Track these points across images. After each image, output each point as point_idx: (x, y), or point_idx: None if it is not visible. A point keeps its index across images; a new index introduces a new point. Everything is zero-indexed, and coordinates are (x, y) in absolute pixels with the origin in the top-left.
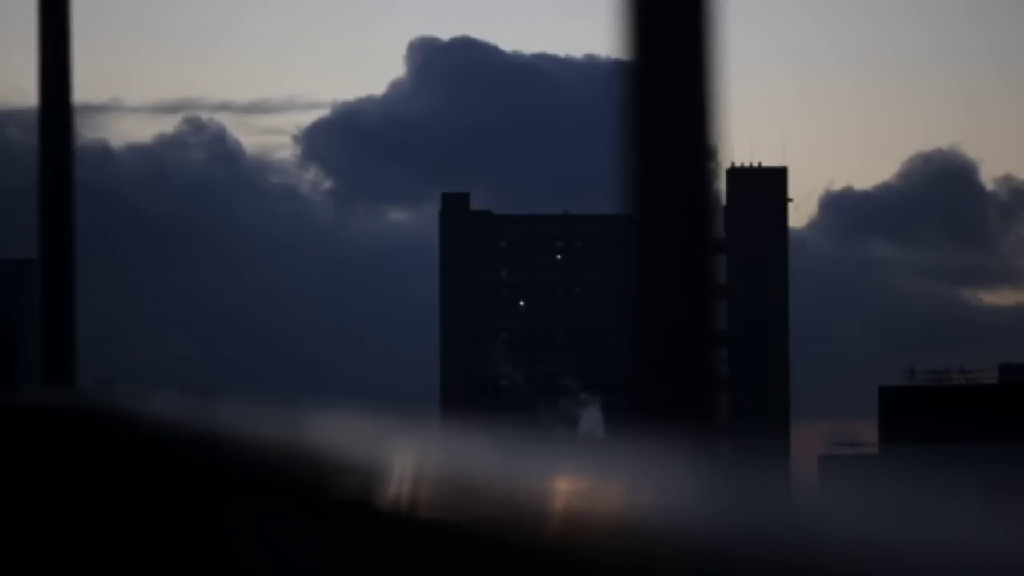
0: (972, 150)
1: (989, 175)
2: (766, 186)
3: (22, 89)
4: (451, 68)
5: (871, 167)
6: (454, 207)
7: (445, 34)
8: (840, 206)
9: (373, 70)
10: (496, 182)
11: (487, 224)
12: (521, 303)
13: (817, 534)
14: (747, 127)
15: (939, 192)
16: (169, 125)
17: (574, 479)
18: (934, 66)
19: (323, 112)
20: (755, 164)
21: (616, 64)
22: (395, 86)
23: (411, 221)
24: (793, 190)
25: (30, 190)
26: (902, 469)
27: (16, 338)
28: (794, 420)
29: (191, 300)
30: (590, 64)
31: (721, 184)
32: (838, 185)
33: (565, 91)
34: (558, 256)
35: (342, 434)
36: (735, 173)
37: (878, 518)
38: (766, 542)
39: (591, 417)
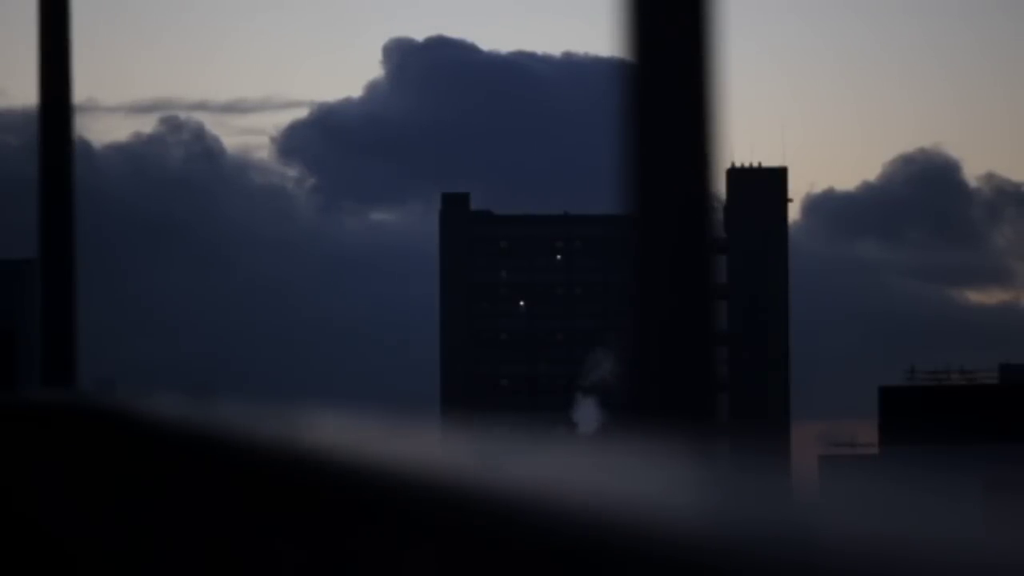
0: (954, 149)
1: (972, 173)
2: (766, 186)
3: (5, 90)
4: (429, 67)
5: (854, 168)
6: (454, 207)
7: (419, 35)
8: (824, 207)
9: (349, 71)
10: (484, 178)
11: (487, 224)
12: (521, 303)
13: (817, 534)
14: (747, 127)
15: (923, 191)
16: (145, 125)
17: (573, 479)
18: (916, 65)
19: (300, 112)
20: (755, 164)
21: (599, 62)
22: (373, 87)
23: (401, 220)
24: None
25: (15, 189)
26: (902, 469)
27: (16, 338)
28: (794, 420)
29: (187, 300)
30: (568, 62)
31: (721, 184)
32: (821, 187)
33: (546, 88)
34: (558, 256)
35: (341, 434)
36: (735, 173)
37: (878, 518)
38: (766, 542)
39: (590, 417)
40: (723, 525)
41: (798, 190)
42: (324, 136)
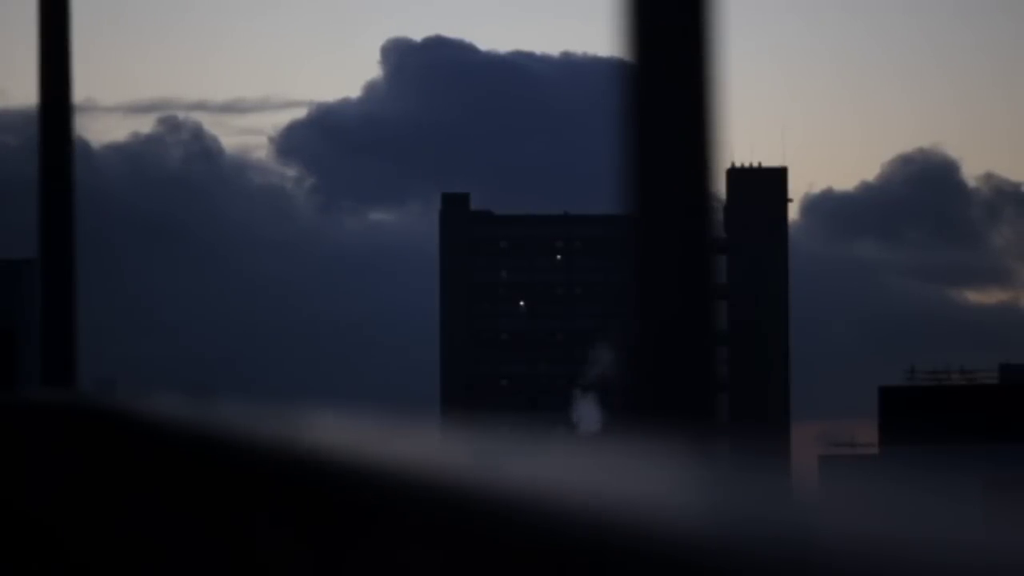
0: (953, 149)
1: (971, 173)
2: (766, 186)
3: (5, 90)
4: (427, 67)
5: (853, 168)
6: (454, 207)
7: (417, 35)
8: (824, 207)
9: (348, 71)
10: (484, 178)
11: (487, 224)
12: (521, 303)
13: (817, 534)
14: (747, 127)
15: (922, 191)
16: (144, 125)
17: (572, 479)
18: (915, 65)
19: (298, 112)
20: (755, 164)
21: (598, 62)
22: (371, 87)
23: (401, 220)
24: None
25: (15, 189)
26: (902, 469)
27: (16, 338)
28: (794, 420)
29: (187, 300)
30: (567, 62)
31: (721, 184)
32: (820, 187)
33: (544, 88)
34: (558, 256)
35: (341, 434)
36: (735, 173)
37: (878, 518)
38: (766, 542)
39: (590, 417)
40: (723, 525)
41: (797, 190)
42: (323, 136)
